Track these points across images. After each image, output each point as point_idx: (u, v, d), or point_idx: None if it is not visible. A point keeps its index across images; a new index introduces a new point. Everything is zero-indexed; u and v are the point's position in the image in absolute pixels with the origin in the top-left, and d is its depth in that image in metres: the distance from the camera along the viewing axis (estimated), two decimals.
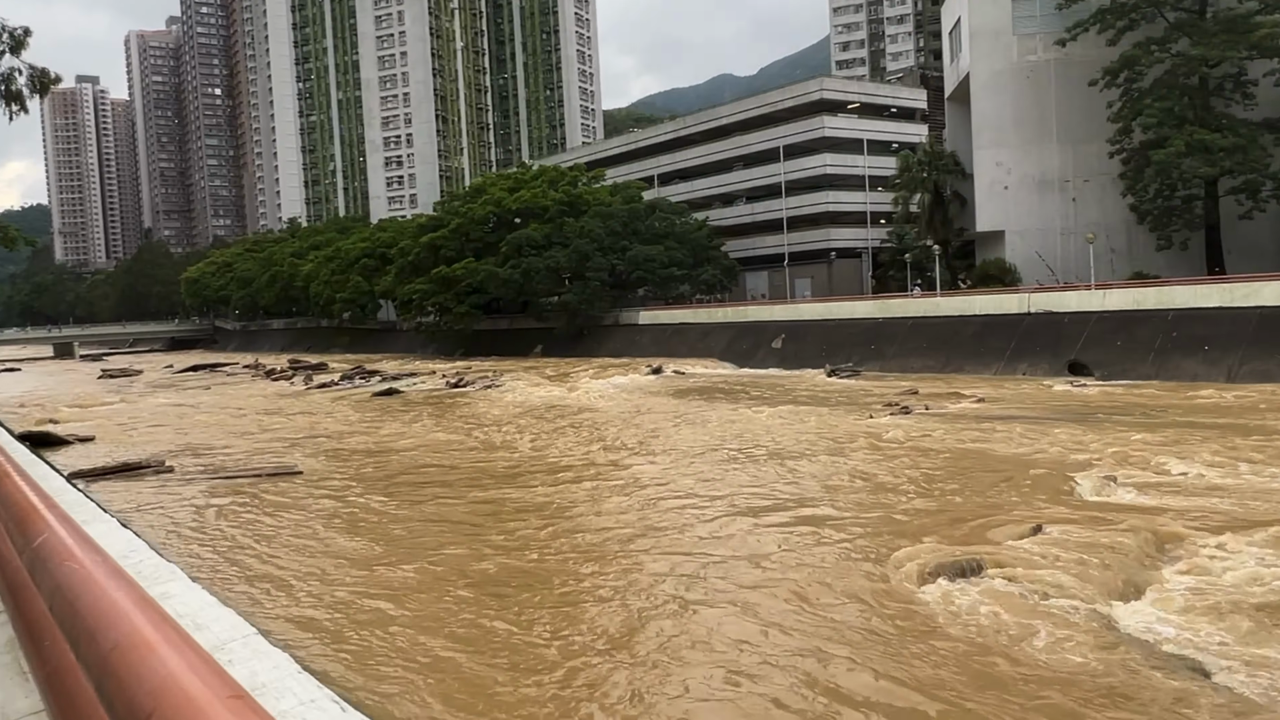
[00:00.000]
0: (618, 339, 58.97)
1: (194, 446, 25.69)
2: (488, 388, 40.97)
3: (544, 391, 37.79)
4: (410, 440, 25.38)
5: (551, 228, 65.48)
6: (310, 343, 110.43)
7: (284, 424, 31.03)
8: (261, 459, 22.89)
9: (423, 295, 66.84)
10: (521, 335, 69.09)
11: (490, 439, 24.37)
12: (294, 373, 57.11)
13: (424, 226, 71.86)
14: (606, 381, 40.79)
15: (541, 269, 60.89)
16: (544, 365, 54.97)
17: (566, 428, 25.58)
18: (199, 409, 37.85)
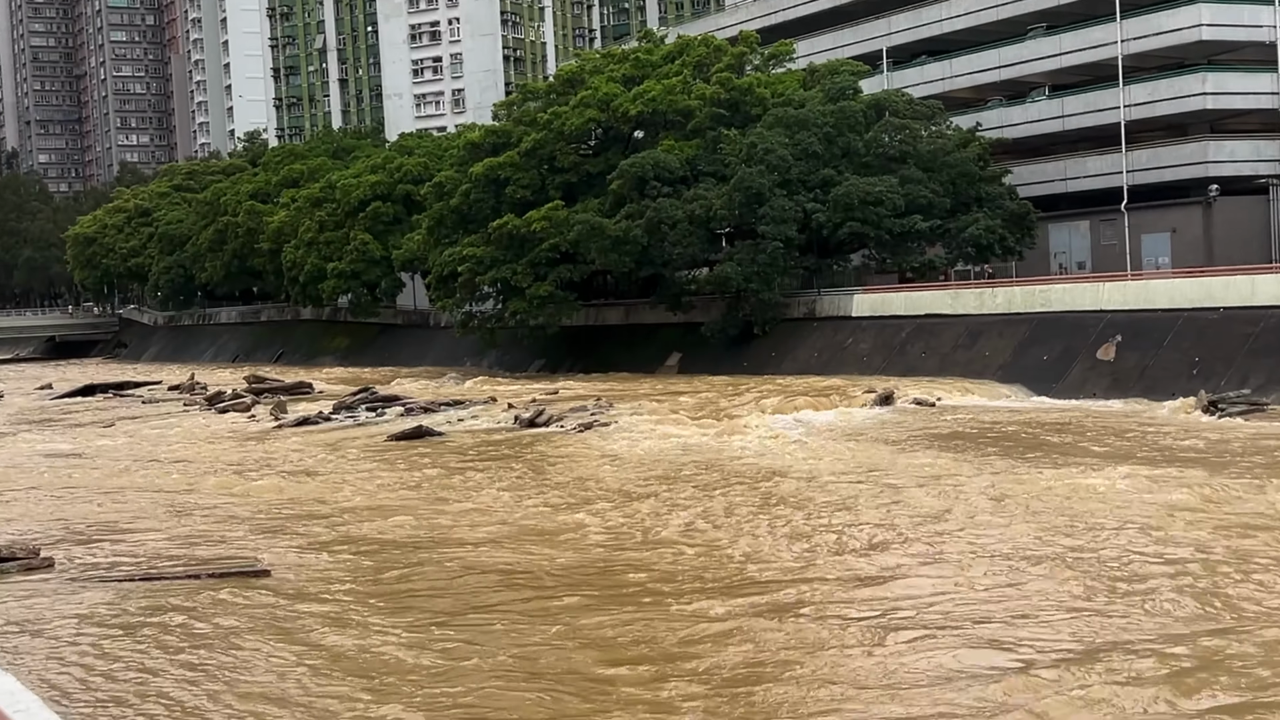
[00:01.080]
0: (812, 342, 59.28)
1: (87, 527, 26.63)
2: (587, 427, 41.37)
3: (685, 435, 37.83)
4: (455, 517, 25.65)
5: (699, 147, 65.72)
6: (283, 347, 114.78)
7: (239, 490, 31.89)
8: (201, 550, 23.52)
9: (474, 266, 68.33)
10: (644, 335, 69.84)
11: (608, 523, 24.37)
12: (256, 399, 59.27)
13: (477, 147, 73.46)
14: (794, 418, 40.85)
15: (681, 219, 61.29)
16: (683, 386, 55.43)
17: (739, 505, 25.33)
18: (95, 463, 39.38)
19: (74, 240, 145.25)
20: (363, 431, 45.35)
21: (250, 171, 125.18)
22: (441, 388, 64.60)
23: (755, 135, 61.39)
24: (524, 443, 39.17)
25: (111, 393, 73.82)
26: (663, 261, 62.75)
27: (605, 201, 65.82)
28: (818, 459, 31.38)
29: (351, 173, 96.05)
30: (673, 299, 65.55)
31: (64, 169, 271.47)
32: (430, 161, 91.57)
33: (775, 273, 60.10)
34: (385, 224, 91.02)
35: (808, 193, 60.57)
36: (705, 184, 62.87)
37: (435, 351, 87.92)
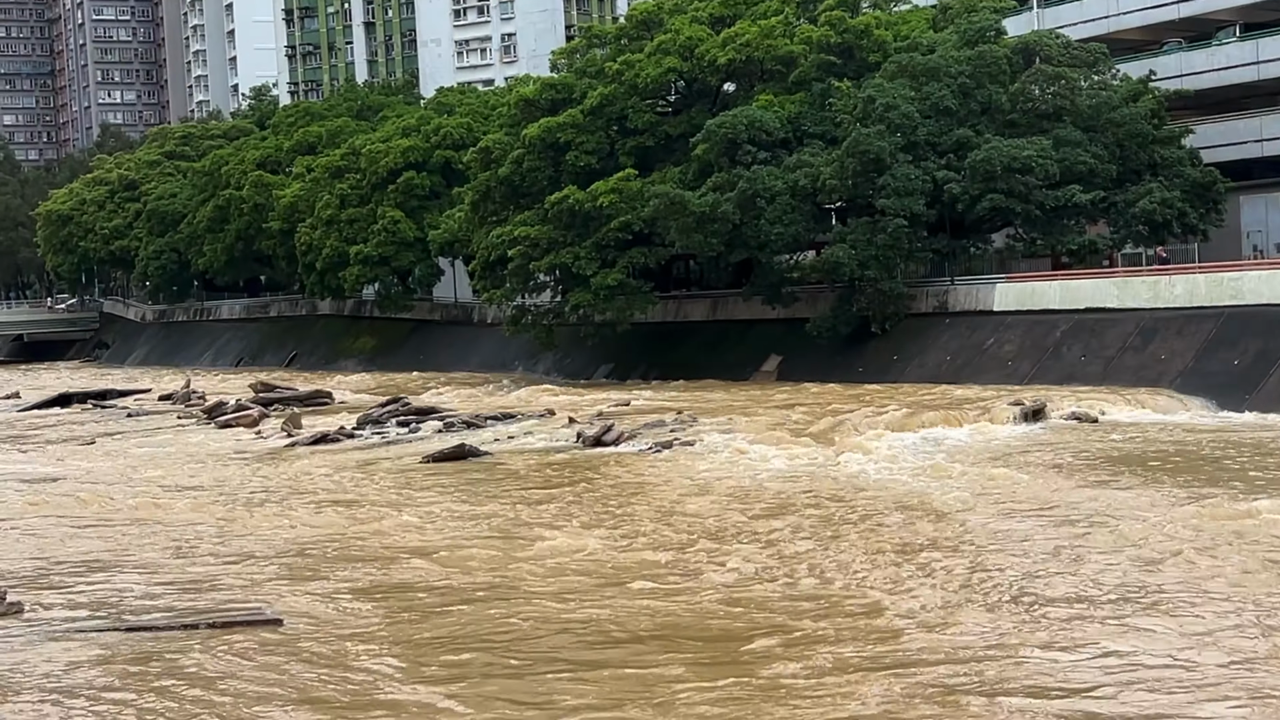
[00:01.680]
0: (944, 342, 58.97)
1: (63, 566, 26.74)
2: (665, 447, 41.28)
3: (788, 457, 37.65)
4: (510, 558, 25.54)
5: (804, 102, 65.35)
6: (296, 348, 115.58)
7: (243, 522, 32.00)
8: (199, 595, 23.58)
9: (528, 249, 68.42)
10: (736, 334, 69.69)
11: (706, 569, 24.05)
12: (264, 412, 59.69)
13: (531, 104, 73.58)
14: (921, 436, 40.61)
15: (781, 191, 61.05)
16: (783, 396, 55.12)
17: (873, 548, 24.89)
18: (72, 488, 39.65)
19: (45, 219, 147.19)
20: (393, 451, 45.47)
21: (257, 135, 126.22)
22: (488, 398, 64.71)
23: (873, 88, 61.00)
24: (589, 465, 39.08)
25: (91, 403, 74.55)
26: (758, 243, 62.49)
27: (688, 170, 65.63)
28: (960, 489, 30.98)
29: (379, 136, 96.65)
30: (771, 289, 65.29)
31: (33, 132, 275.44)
32: (475, 122, 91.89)
33: (898, 257, 59.64)
34: (420, 199, 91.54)
35: (938, 158, 60.08)
36: (811, 148, 62.46)
37: (480, 354, 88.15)
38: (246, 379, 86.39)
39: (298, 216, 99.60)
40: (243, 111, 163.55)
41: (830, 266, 60.82)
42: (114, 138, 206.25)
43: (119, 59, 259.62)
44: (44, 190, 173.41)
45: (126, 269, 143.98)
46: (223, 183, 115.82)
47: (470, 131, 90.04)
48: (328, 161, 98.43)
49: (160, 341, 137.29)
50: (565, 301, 70.08)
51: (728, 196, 61.37)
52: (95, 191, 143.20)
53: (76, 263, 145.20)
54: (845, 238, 60.49)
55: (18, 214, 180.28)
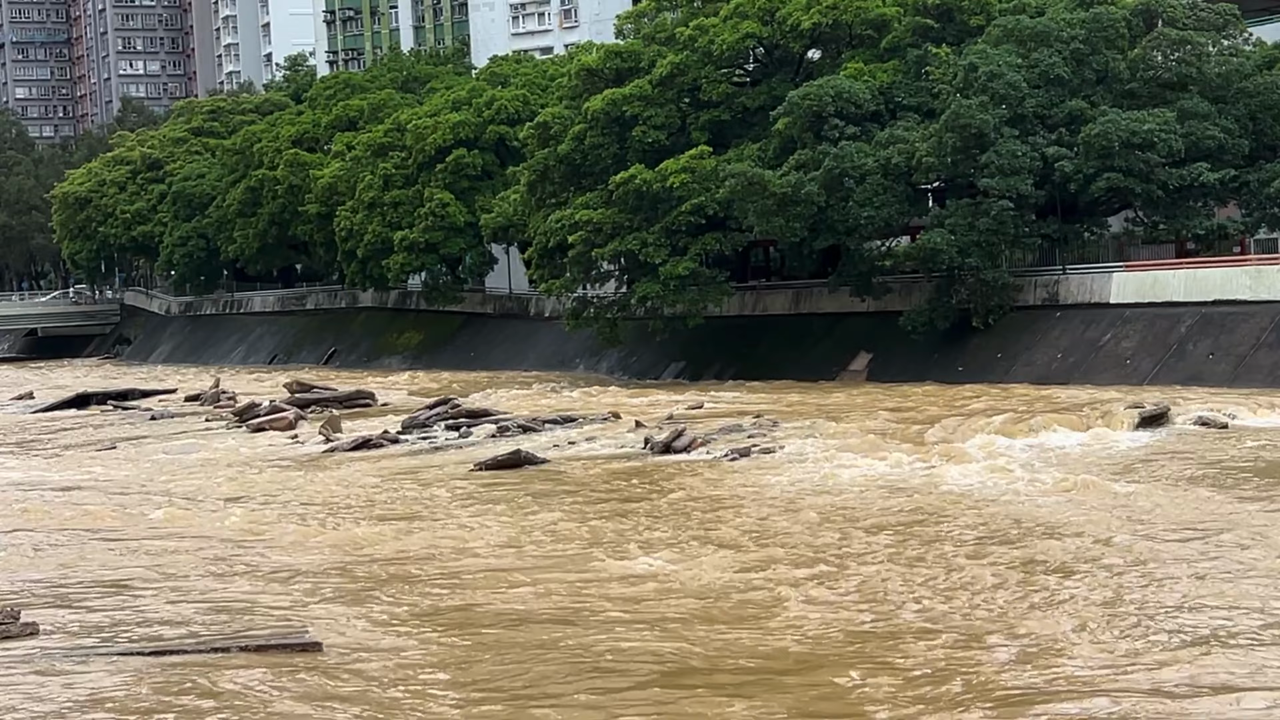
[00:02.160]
0: (1054, 338, 58.72)
1: (81, 583, 26.82)
2: (742, 454, 41.10)
3: (880, 467, 37.40)
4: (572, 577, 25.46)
5: (898, 71, 65.01)
6: (335, 343, 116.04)
7: (275, 536, 32.08)
8: (231, 615, 23.56)
9: (591, 235, 68.36)
10: (820, 329, 69.48)
11: (797, 594, 23.84)
12: (301, 414, 59.87)
13: (594, 74, 73.55)
14: (1029, 443, 40.25)
15: (872, 170, 60.74)
16: (874, 398, 54.90)
17: (992, 571, 24.37)
18: (91, 498, 39.81)
19: (62, 201, 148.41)
20: (442, 458, 45.50)
21: (293, 110, 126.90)
22: (546, 399, 64.69)
23: (976, 54, 60.67)
24: (659, 475, 38.91)
25: (111, 404, 75.07)
26: (846, 228, 62.27)
27: (768, 147, 65.49)
28: (1080, 504, 30.60)
29: (426, 110, 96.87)
30: (860, 279, 65.05)
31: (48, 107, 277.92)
32: (531, 94, 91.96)
33: (1002, 243, 59.34)
34: (471, 179, 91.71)
35: (1048, 133, 59.74)
36: (905, 121, 62.21)
37: (537, 350, 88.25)
38: (281, 378, 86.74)
39: (337, 199, 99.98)
40: (277, 83, 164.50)
41: (927, 254, 60.51)
42: (136, 112, 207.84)
43: (142, 26, 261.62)
44: (59, 170, 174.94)
45: (150, 257, 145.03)
46: (255, 162, 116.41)
47: (527, 105, 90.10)
48: (370, 138, 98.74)
49: (186, 337, 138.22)
50: (631, 293, 70.01)
51: (812, 176, 61.14)
52: (115, 172, 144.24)
53: (95, 250, 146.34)
54: (943, 222, 60.19)
55: (31, 196, 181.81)
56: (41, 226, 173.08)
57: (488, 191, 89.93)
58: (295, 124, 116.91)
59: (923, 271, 62.71)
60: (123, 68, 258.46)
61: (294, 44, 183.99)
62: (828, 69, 67.50)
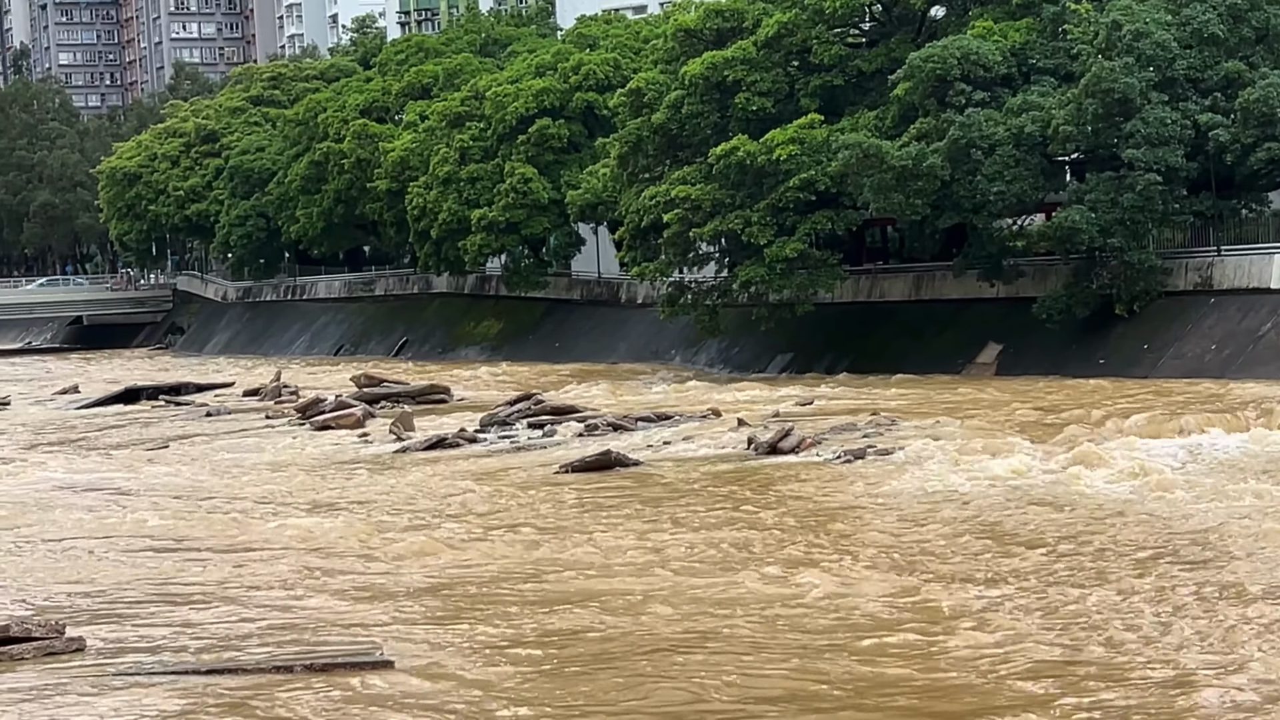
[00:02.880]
0: (1207, 327, 58.43)
1: (132, 594, 27.07)
2: (857, 456, 40.94)
3: (1012, 469, 37.17)
4: (680, 597, 25.45)
5: (1031, 30, 64.49)
6: (406, 333, 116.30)
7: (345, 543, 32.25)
8: (294, 631, 23.72)
9: (688, 213, 68.31)
10: (944, 317, 69.29)
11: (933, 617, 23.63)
12: (369, 410, 60.14)
13: (693, 35, 73.53)
14: (1180, 444, 39.91)
15: (1003, 140, 60.39)
16: (1004, 393, 54.83)
17: (1136, 591, 23.92)
18: (142, 501, 40.21)
19: (109, 178, 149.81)
20: (524, 459, 45.63)
21: (361, 76, 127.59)
22: (638, 394, 64.72)
23: (1120, 11, 60.20)
24: (765, 478, 38.85)
25: (163, 399, 75.77)
26: (973, 205, 62.03)
27: (885, 115, 65.31)
28: (1249, 514, 30.20)
29: (507, 76, 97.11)
30: (988, 262, 64.78)
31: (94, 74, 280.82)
32: (623, 59, 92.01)
33: (1149, 221, 58.94)
34: (556, 152, 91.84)
35: (1201, 98, 59.26)
36: (1040, 86, 61.85)
37: (629, 340, 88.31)
38: (347, 370, 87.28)
39: (409, 174, 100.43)
40: (343, 47, 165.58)
41: (1064, 233, 60.14)
42: (190, 80, 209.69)
43: None
44: (107, 143, 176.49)
45: (205, 238, 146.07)
46: (319, 134, 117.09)
47: (618, 70, 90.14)
48: (445, 107, 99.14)
49: (245, 325, 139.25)
50: (733, 277, 69.94)
51: (935, 147, 60.91)
52: (167, 145, 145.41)
53: (145, 230, 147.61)
54: (1083, 198, 59.80)
55: (76, 172, 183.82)
56: (87, 205, 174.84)
57: (575, 165, 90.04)
58: (363, 92, 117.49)
59: (1059, 253, 62.26)
60: (175, 31, 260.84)
61: (362, 4, 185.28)
62: (953, 28, 67.17)
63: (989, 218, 63.17)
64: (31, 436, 61.47)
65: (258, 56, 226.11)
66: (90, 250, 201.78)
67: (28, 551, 32.60)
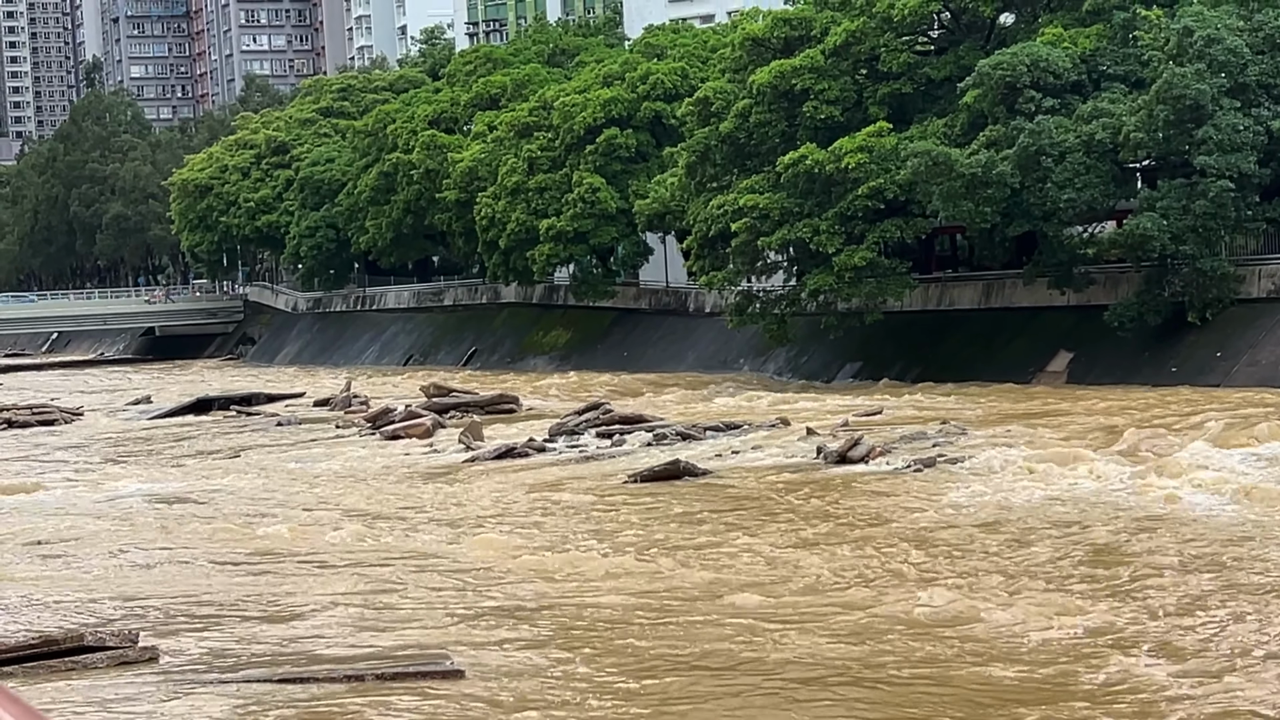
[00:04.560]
0: (1275, 334, 57.89)
1: (204, 605, 27.24)
2: (927, 465, 40.76)
3: (1083, 479, 36.97)
4: (761, 608, 25.37)
5: (1102, 36, 64.14)
6: (475, 343, 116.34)
7: (419, 553, 32.35)
8: (366, 640, 23.79)
9: (757, 222, 68.24)
10: (1015, 325, 68.87)
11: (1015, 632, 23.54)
12: (438, 420, 60.27)
13: (760, 44, 73.42)
14: (1254, 453, 39.40)
15: (1073, 147, 60.08)
16: (1076, 402, 54.64)
17: (1250, 616, 23.48)
18: (215, 511, 40.51)
19: (180, 190, 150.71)
20: (593, 469, 45.71)
21: (429, 87, 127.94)
22: (707, 404, 64.66)
23: (1191, 16, 59.83)
24: (835, 487, 38.78)
25: (235, 409, 76.10)
26: (1043, 213, 61.74)
27: (954, 122, 65.05)
28: None
29: (575, 86, 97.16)
30: (1059, 270, 64.48)
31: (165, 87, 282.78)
32: (691, 68, 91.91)
33: (1222, 228, 58.58)
34: (624, 161, 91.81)
35: (1274, 104, 58.87)
36: (1111, 93, 61.48)
37: (697, 349, 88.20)
38: (417, 380, 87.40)
39: (477, 185, 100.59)
40: (412, 59, 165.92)
41: (1135, 241, 59.76)
42: (260, 92, 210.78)
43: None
44: (178, 155, 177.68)
45: (275, 249, 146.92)
46: (388, 145, 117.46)
47: (685, 79, 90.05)
48: (513, 118, 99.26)
49: (315, 335, 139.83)
50: (801, 286, 69.81)
51: (1005, 155, 60.66)
52: (238, 156, 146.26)
53: (216, 242, 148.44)
54: (1154, 205, 59.40)
55: (148, 184, 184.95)
56: (159, 216, 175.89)
57: (642, 175, 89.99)
58: (432, 103, 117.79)
59: (1130, 261, 61.90)
60: (245, 43, 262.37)
61: (430, 15, 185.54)
62: (1022, 35, 66.84)
63: (1059, 225, 62.85)
64: (106, 448, 61.86)
65: (327, 68, 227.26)
66: (162, 261, 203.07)
67: (105, 561, 32.82)
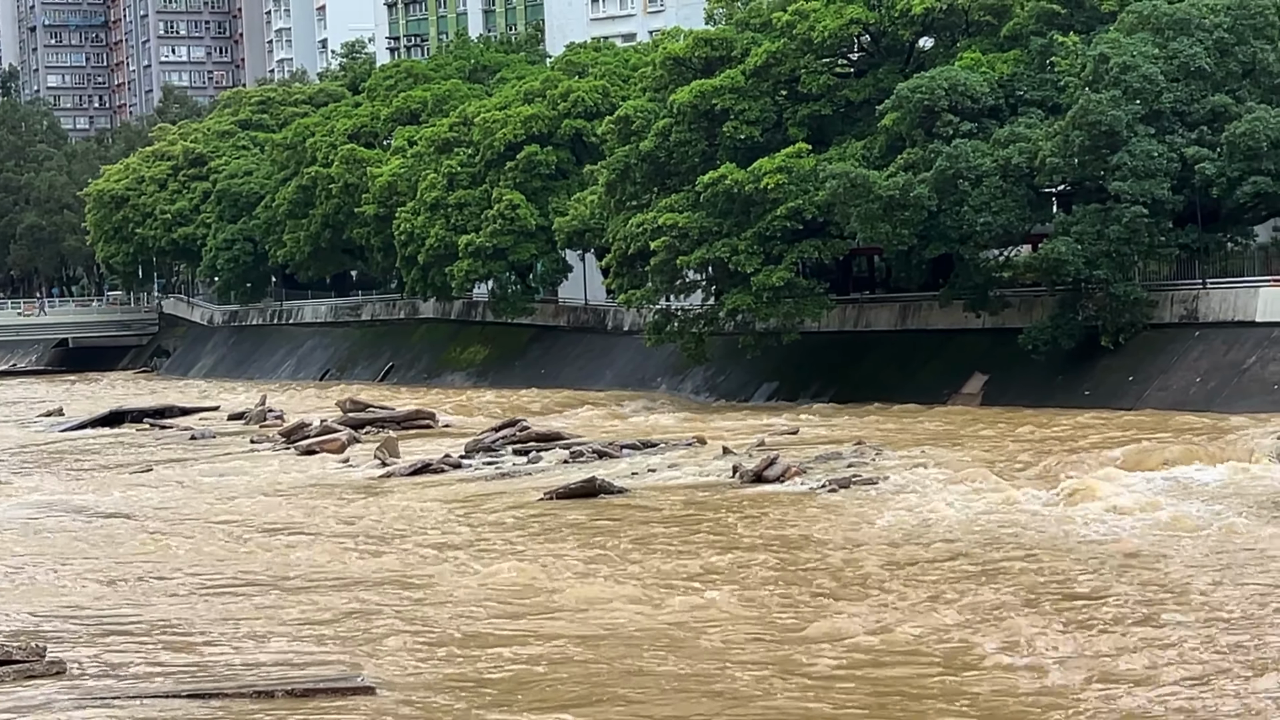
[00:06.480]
0: (1193, 360, 58.52)
1: (114, 619, 27.03)
2: (842, 486, 40.91)
3: (998, 501, 37.16)
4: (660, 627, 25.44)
5: (1019, 61, 64.61)
6: (393, 358, 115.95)
7: (331, 569, 32.29)
8: (277, 657, 23.70)
9: (676, 240, 68.21)
10: (931, 347, 69.30)
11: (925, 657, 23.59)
12: (354, 435, 60.06)
13: (681, 64, 73.42)
14: (1165, 476, 39.94)
15: (990, 171, 60.34)
16: (990, 424, 54.76)
17: (1188, 645, 23.57)
18: (126, 525, 40.23)
19: (97, 200, 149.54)
20: (509, 485, 45.63)
21: (349, 101, 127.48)
22: (624, 422, 64.68)
23: (1107, 44, 60.25)
24: (750, 507, 38.83)
25: (148, 423, 75.71)
26: (960, 236, 62.00)
27: (873, 145, 65.31)
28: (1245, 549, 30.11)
29: (496, 103, 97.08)
30: (975, 293, 64.77)
31: (82, 96, 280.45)
32: (612, 86, 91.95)
33: (1135, 253, 58.98)
34: (544, 178, 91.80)
35: (1188, 131, 59.29)
36: (1028, 118, 61.85)
37: (615, 368, 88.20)
38: (333, 395, 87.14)
39: (396, 199, 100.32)
40: (332, 72, 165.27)
41: (1050, 265, 60.13)
42: (178, 103, 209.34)
43: (185, 8, 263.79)
44: (94, 166, 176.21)
45: (192, 261, 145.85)
46: (307, 158, 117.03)
47: (606, 97, 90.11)
48: (433, 133, 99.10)
49: (231, 349, 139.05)
50: (720, 305, 69.85)
51: (922, 177, 60.89)
52: (155, 168, 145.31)
53: (132, 254, 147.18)
54: (1069, 229, 59.76)
55: (63, 194, 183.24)
56: (74, 227, 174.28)
57: (562, 192, 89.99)
58: (352, 117, 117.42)
59: (1045, 284, 62.23)
60: (164, 54, 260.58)
61: (351, 29, 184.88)
62: (941, 59, 67.15)
63: (975, 248, 63.17)
64: (16, 457, 61.35)
65: (247, 80, 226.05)
66: (77, 272, 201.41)
67: (12, 575, 32.55)
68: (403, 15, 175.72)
